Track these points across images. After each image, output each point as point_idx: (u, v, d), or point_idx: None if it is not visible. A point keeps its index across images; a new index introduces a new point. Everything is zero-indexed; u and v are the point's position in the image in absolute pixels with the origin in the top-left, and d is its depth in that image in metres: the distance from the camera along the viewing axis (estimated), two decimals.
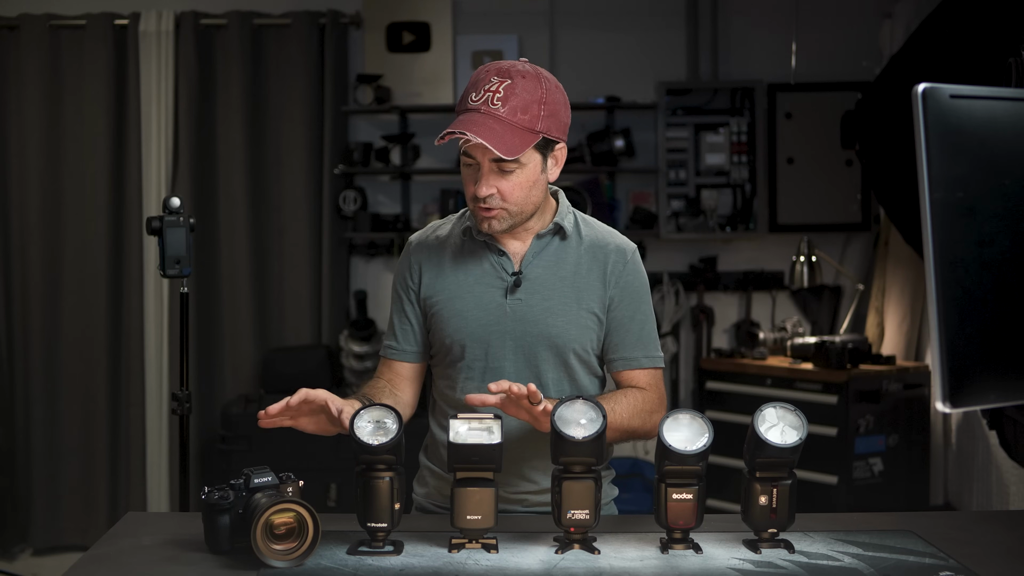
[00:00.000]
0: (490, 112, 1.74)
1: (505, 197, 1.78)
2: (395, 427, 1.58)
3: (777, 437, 1.57)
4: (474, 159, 1.78)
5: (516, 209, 1.81)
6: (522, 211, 1.82)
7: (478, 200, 1.79)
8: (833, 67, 4.58)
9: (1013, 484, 3.29)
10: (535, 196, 1.83)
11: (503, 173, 1.77)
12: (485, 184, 1.77)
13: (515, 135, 1.73)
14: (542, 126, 1.76)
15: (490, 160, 1.76)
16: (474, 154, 1.77)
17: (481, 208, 1.80)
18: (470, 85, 1.79)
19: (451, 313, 1.88)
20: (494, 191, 1.78)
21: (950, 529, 1.76)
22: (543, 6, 4.68)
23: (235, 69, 4.53)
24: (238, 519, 1.57)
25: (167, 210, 2.72)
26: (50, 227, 4.53)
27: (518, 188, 1.79)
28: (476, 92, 1.76)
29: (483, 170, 1.77)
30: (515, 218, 1.82)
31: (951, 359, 1.22)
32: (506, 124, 1.73)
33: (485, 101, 1.74)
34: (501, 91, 1.74)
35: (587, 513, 1.58)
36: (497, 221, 1.81)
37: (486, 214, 1.80)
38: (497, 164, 1.76)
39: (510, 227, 1.83)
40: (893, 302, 4.34)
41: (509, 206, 1.80)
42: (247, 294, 4.55)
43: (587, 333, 1.88)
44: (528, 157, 1.78)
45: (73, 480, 4.51)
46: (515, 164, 1.76)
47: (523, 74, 1.77)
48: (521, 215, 1.83)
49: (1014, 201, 1.27)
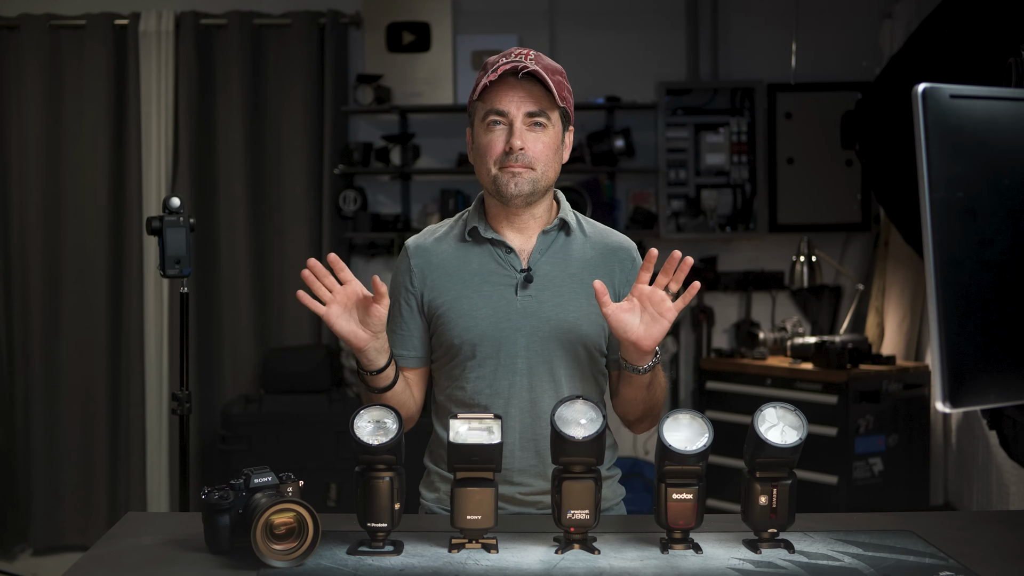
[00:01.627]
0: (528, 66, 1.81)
1: (534, 156, 1.82)
2: (395, 427, 1.58)
3: (777, 437, 1.57)
4: (505, 118, 1.82)
5: (540, 172, 1.84)
6: (544, 176, 1.85)
7: (509, 155, 1.82)
8: (833, 67, 4.59)
9: (1013, 484, 3.29)
10: (555, 165, 1.87)
11: (535, 130, 1.83)
12: (519, 137, 1.81)
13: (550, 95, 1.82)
14: (566, 94, 1.86)
15: (525, 115, 1.81)
16: (508, 112, 1.81)
17: (509, 166, 1.82)
18: (491, 60, 1.86)
19: (459, 313, 1.87)
20: (526, 148, 1.82)
21: (950, 529, 1.76)
22: (543, 6, 4.68)
23: (235, 69, 4.53)
24: (238, 519, 1.57)
25: (167, 210, 2.72)
26: (50, 227, 4.53)
27: (546, 148, 1.84)
28: (506, 57, 1.84)
29: (516, 125, 1.82)
30: (536, 184, 1.84)
31: (951, 359, 1.22)
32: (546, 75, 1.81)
33: (519, 59, 1.83)
34: (532, 55, 1.84)
35: (587, 513, 1.58)
36: (524, 180, 1.83)
37: (515, 168, 1.82)
38: (531, 120, 1.82)
39: (532, 192, 1.84)
40: (893, 302, 4.34)
41: (536, 165, 1.83)
42: (247, 294, 4.55)
43: (597, 329, 1.88)
44: (555, 120, 1.85)
45: (73, 480, 4.51)
46: (546, 122, 1.83)
47: (541, 55, 1.87)
48: (543, 181, 1.85)
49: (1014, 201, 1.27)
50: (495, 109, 1.82)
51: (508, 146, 1.81)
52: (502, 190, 1.84)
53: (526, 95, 1.81)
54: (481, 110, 1.85)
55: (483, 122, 1.85)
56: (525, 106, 1.81)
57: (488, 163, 1.84)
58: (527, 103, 1.81)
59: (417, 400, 1.95)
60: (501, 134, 1.83)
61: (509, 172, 1.82)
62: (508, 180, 1.83)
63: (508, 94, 1.82)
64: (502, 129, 1.83)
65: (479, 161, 1.87)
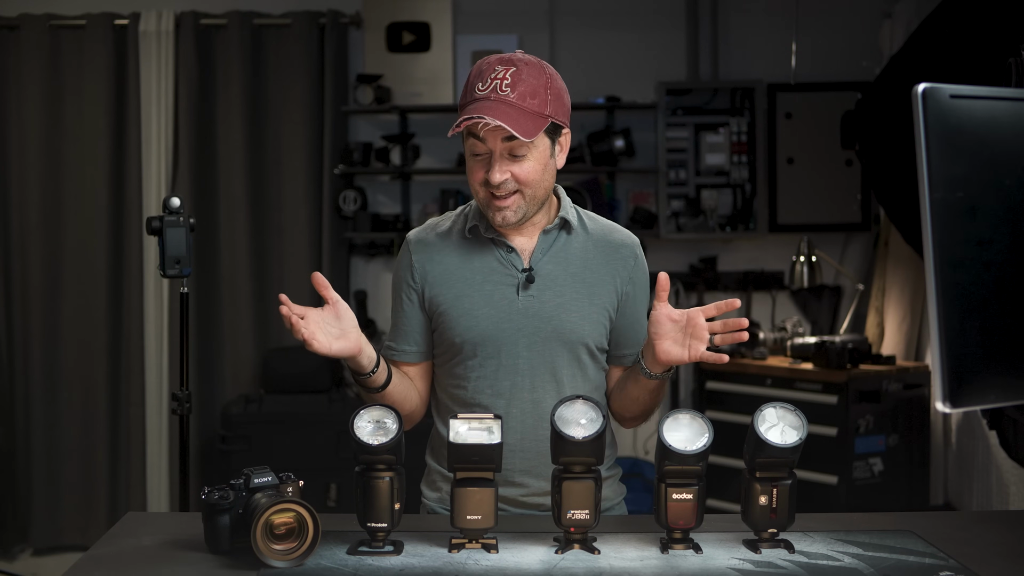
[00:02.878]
0: (500, 98, 1.74)
1: (520, 180, 1.78)
2: (395, 427, 1.58)
3: (777, 437, 1.57)
4: (484, 149, 1.77)
5: (530, 193, 1.80)
6: (535, 196, 1.82)
7: (491, 187, 1.78)
8: (833, 67, 4.59)
9: (1013, 484, 3.29)
10: (547, 181, 1.83)
11: (515, 159, 1.77)
12: (499, 170, 1.77)
13: (528, 119, 1.74)
14: (550, 110, 1.78)
15: (503, 144, 1.75)
16: (486, 140, 1.76)
17: (494, 199, 1.79)
18: (473, 76, 1.79)
19: (460, 312, 1.86)
20: (508, 176, 1.77)
21: (950, 529, 1.76)
22: (543, 6, 4.68)
23: (235, 69, 4.53)
24: (238, 519, 1.57)
25: (167, 210, 2.72)
26: (50, 227, 4.53)
27: (532, 172, 1.79)
28: (482, 82, 1.77)
29: (495, 156, 1.77)
30: (529, 205, 1.81)
31: (951, 359, 1.22)
32: (518, 109, 1.74)
33: (493, 89, 1.75)
34: (508, 78, 1.75)
35: (587, 513, 1.58)
36: (512, 212, 1.80)
37: (500, 203, 1.79)
38: (509, 150, 1.76)
39: (523, 218, 1.82)
40: (893, 302, 4.34)
41: (524, 189, 1.79)
42: (247, 294, 4.55)
43: (599, 328, 1.88)
44: (539, 141, 1.78)
45: (73, 480, 4.51)
46: (527, 148, 1.77)
47: (526, 62, 1.79)
48: (535, 201, 1.82)
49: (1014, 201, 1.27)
50: (474, 135, 1.77)
51: (488, 178, 1.78)
52: (490, 219, 1.83)
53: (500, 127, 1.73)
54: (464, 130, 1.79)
55: (467, 143, 1.81)
56: (501, 136, 1.74)
57: (475, 186, 1.82)
58: (503, 133, 1.73)
59: (422, 394, 1.95)
60: (483, 163, 1.79)
61: (495, 204, 1.80)
62: (496, 211, 1.81)
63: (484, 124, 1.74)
64: (483, 159, 1.79)
65: (469, 179, 1.84)
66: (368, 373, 1.79)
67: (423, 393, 1.95)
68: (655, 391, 1.85)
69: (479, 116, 1.71)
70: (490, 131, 1.74)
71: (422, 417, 1.96)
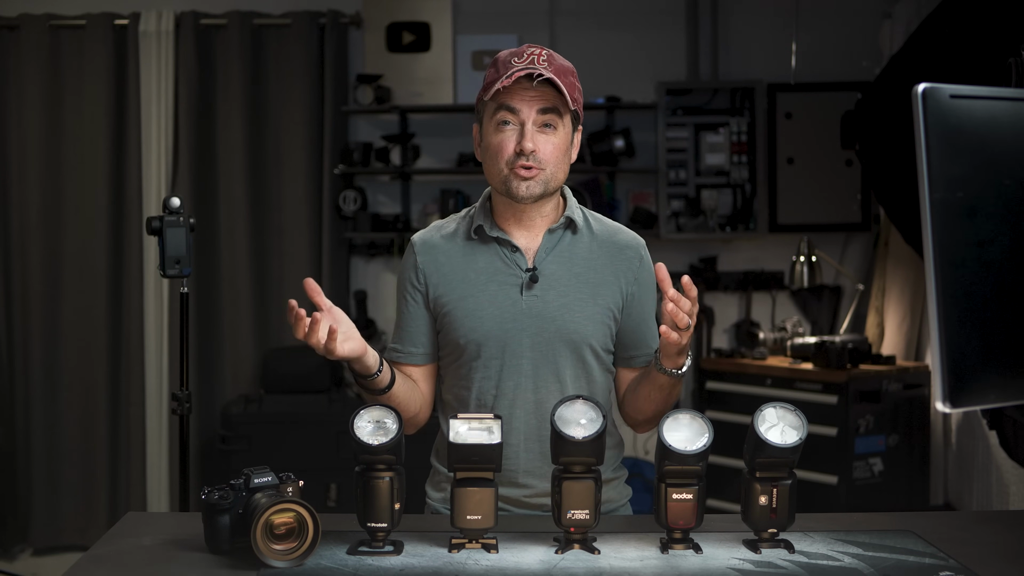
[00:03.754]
0: (541, 70, 1.78)
1: (544, 157, 1.81)
2: (395, 427, 1.58)
3: (777, 437, 1.57)
4: (515, 120, 1.80)
5: (550, 174, 1.82)
6: (554, 177, 1.84)
7: (521, 157, 1.79)
8: (833, 67, 4.58)
9: (1013, 484, 3.29)
10: (565, 166, 1.86)
11: (545, 132, 1.81)
12: (530, 139, 1.79)
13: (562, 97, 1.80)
14: (576, 96, 1.83)
15: (537, 115, 1.79)
16: (520, 112, 1.79)
17: (521, 168, 1.80)
18: (507, 56, 1.83)
19: (464, 312, 1.86)
20: (537, 149, 1.80)
21: (950, 529, 1.76)
22: (543, 6, 4.68)
23: (235, 69, 4.53)
24: (238, 519, 1.57)
25: (167, 210, 2.72)
26: (50, 227, 4.53)
27: (556, 151, 1.82)
28: (518, 57, 1.81)
29: (527, 126, 1.80)
30: (547, 185, 1.83)
31: (951, 359, 1.22)
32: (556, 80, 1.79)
33: (531, 62, 1.80)
34: (544, 55, 1.81)
35: (587, 513, 1.58)
36: (535, 183, 1.81)
37: (526, 173, 1.80)
38: (543, 122, 1.80)
39: (541, 195, 1.83)
40: (893, 302, 4.34)
41: (546, 166, 1.81)
42: (247, 294, 4.55)
43: (603, 329, 1.88)
44: (565, 121, 1.83)
45: (73, 480, 4.51)
46: (558, 123, 1.81)
47: (554, 53, 1.85)
48: (553, 183, 1.84)
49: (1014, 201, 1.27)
50: (507, 107, 1.80)
51: (519, 147, 1.79)
52: (512, 191, 1.82)
53: (538, 96, 1.79)
54: (491, 108, 1.83)
55: (493, 121, 1.83)
56: (537, 107, 1.79)
57: (499, 163, 1.82)
58: (539, 104, 1.79)
59: (426, 396, 1.94)
60: (512, 134, 1.81)
61: (520, 174, 1.81)
62: (519, 183, 1.81)
63: (520, 95, 1.79)
64: (513, 130, 1.81)
65: (489, 160, 1.85)
66: (374, 374, 1.79)
67: (427, 395, 1.95)
68: (667, 389, 1.83)
69: (532, 68, 1.77)
70: (527, 100, 1.79)
71: (427, 419, 1.96)
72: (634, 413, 1.93)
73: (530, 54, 1.81)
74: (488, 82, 1.83)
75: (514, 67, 1.79)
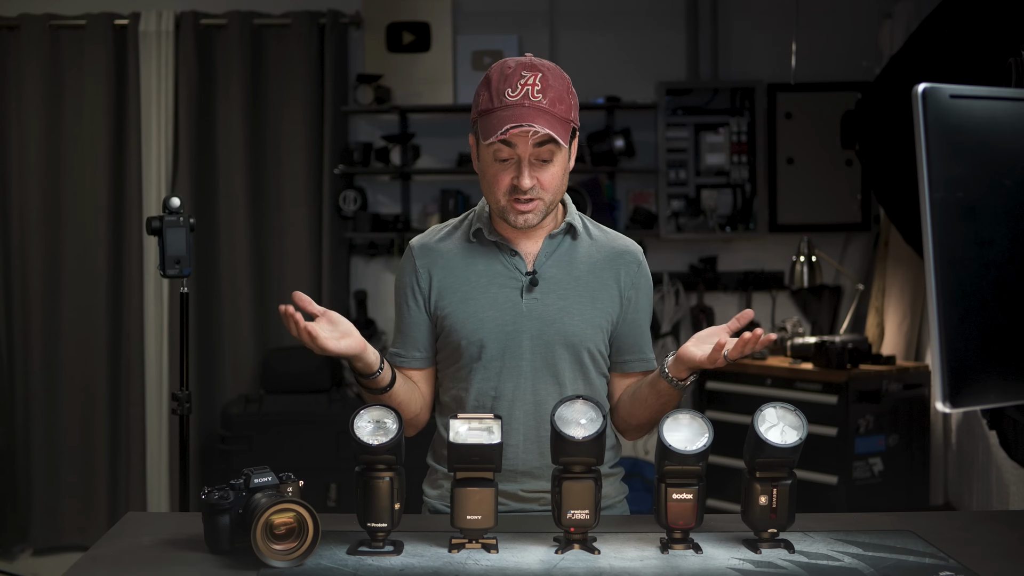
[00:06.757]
0: (535, 105, 1.75)
1: (544, 187, 1.80)
2: (395, 427, 1.58)
3: (777, 437, 1.57)
4: (512, 154, 1.77)
5: (551, 198, 1.82)
6: (554, 200, 1.84)
7: (518, 192, 1.78)
8: (833, 67, 4.59)
9: (1013, 484, 3.29)
10: (564, 184, 1.86)
11: (542, 164, 1.79)
12: (528, 176, 1.77)
13: (560, 125, 1.77)
14: (573, 115, 1.81)
15: (533, 149, 1.76)
16: (516, 146, 1.76)
17: (520, 201, 1.79)
18: (497, 80, 1.78)
19: (465, 315, 1.87)
20: (535, 182, 1.78)
21: (950, 529, 1.76)
22: (543, 6, 4.68)
23: (235, 69, 4.53)
24: (238, 519, 1.57)
25: (167, 210, 2.72)
26: (50, 227, 4.53)
27: (555, 178, 1.80)
28: (511, 88, 1.76)
29: (524, 162, 1.77)
30: (548, 209, 1.83)
31: (951, 359, 1.22)
32: (551, 115, 1.76)
33: (525, 95, 1.76)
34: (538, 84, 1.76)
35: (587, 513, 1.58)
36: (534, 215, 1.81)
37: (525, 207, 1.80)
38: (538, 155, 1.77)
39: (541, 219, 1.83)
40: (893, 302, 4.34)
41: (546, 195, 1.80)
42: (247, 294, 4.55)
43: (600, 333, 1.89)
44: (563, 147, 1.80)
45: (73, 480, 4.51)
46: (554, 154, 1.78)
47: (547, 67, 1.80)
48: (552, 205, 1.84)
49: (1014, 201, 1.27)
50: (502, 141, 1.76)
51: (516, 182, 1.78)
52: (511, 221, 1.82)
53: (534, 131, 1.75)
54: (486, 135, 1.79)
55: (489, 149, 1.79)
56: (533, 142, 1.75)
57: (496, 193, 1.81)
58: (535, 138, 1.75)
59: (426, 398, 1.95)
60: (509, 168, 1.79)
61: (519, 208, 1.80)
62: (517, 216, 1.81)
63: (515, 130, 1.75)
64: (510, 164, 1.78)
65: (486, 187, 1.84)
66: (375, 372, 1.79)
67: (427, 397, 1.95)
68: (664, 397, 1.83)
69: (528, 124, 1.72)
70: (522, 137, 1.75)
71: (427, 421, 1.96)
72: (627, 417, 1.94)
73: (523, 85, 1.76)
74: (483, 109, 1.79)
75: (507, 101, 1.75)
